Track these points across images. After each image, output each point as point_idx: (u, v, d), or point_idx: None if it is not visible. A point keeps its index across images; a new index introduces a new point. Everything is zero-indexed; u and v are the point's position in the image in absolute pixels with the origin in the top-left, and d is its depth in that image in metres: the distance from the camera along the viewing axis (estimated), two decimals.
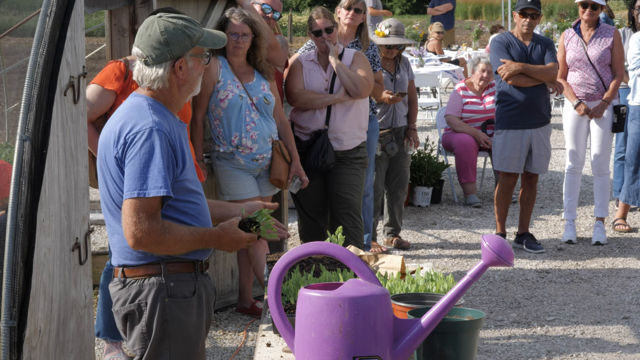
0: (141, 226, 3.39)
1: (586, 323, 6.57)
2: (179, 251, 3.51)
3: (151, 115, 3.47)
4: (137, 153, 3.40)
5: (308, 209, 7.02)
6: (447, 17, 19.84)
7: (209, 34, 3.57)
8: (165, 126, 3.46)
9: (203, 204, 3.61)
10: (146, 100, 3.55)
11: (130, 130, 3.44)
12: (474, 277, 2.97)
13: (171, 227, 3.45)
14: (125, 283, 3.58)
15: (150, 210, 3.40)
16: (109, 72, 5.56)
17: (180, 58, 3.51)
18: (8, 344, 4.11)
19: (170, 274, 3.54)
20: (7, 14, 6.34)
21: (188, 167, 3.53)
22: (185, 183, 3.52)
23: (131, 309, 3.57)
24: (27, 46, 4.75)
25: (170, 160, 3.44)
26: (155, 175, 3.38)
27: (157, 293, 3.53)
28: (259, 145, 6.16)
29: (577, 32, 8.47)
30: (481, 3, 39.88)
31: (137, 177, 3.39)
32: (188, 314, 3.57)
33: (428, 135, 12.16)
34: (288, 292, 3.72)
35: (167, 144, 3.43)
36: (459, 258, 8.20)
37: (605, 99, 8.35)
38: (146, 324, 3.55)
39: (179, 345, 3.57)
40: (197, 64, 3.54)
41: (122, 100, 5.57)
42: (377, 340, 2.90)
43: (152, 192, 3.38)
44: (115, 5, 5.93)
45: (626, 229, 8.93)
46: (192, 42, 3.51)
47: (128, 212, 3.40)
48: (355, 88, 6.79)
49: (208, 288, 3.68)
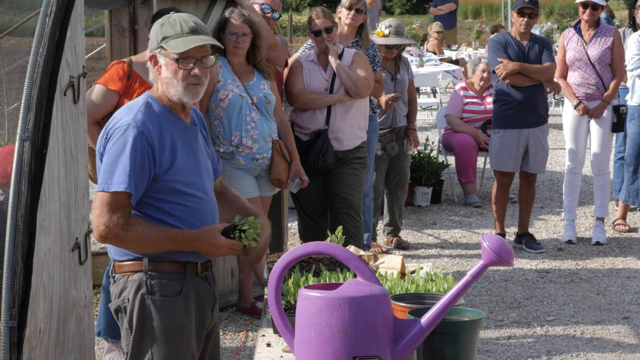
0: (103, 219, 3.44)
1: (586, 323, 6.57)
2: (145, 249, 3.51)
3: (136, 113, 3.49)
4: (111, 148, 3.46)
5: (308, 209, 7.02)
6: (449, 17, 19.84)
7: (182, 37, 3.51)
8: (148, 125, 3.47)
9: (198, 207, 3.57)
10: (146, 97, 3.57)
11: (112, 127, 3.50)
12: (474, 277, 2.97)
13: (136, 225, 3.45)
14: (115, 279, 3.62)
15: (114, 205, 3.43)
16: (112, 73, 5.60)
17: (152, 53, 3.55)
18: (8, 344, 4.11)
19: (153, 272, 3.54)
20: (7, 14, 6.34)
21: (180, 168, 3.51)
22: (172, 184, 3.50)
23: (117, 304, 3.60)
24: (27, 46, 4.75)
25: (147, 159, 3.44)
26: (121, 171, 3.42)
27: (137, 290, 3.54)
28: (259, 145, 6.15)
29: (577, 32, 8.47)
30: (481, 3, 39.87)
31: (106, 171, 3.46)
32: (171, 313, 3.55)
33: (428, 135, 12.16)
34: (288, 292, 3.72)
35: (142, 143, 3.44)
36: (459, 258, 8.20)
37: (605, 99, 8.35)
38: (128, 321, 3.58)
39: (160, 344, 3.54)
40: (168, 63, 3.52)
41: (124, 100, 5.59)
42: (377, 340, 2.90)
43: (114, 186, 3.43)
44: (115, 5, 5.93)
45: (626, 229, 8.93)
46: (159, 40, 3.53)
47: (95, 204, 3.47)
48: (355, 88, 6.79)
49: (202, 291, 3.64)
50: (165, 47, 3.50)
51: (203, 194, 3.61)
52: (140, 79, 5.62)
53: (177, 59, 3.49)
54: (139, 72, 5.62)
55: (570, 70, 8.49)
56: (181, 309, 3.57)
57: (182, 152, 3.54)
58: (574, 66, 8.45)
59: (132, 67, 5.63)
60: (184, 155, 3.54)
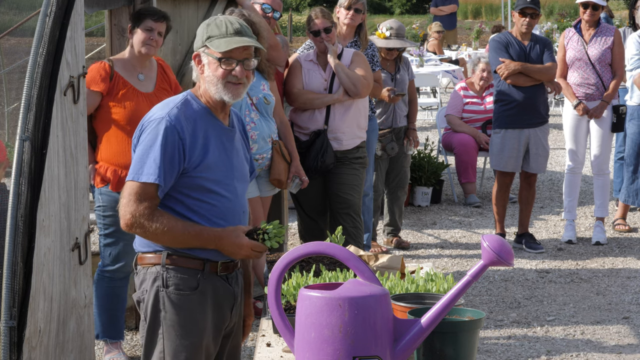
0: (129, 208, 3.50)
1: (586, 323, 6.56)
2: (168, 242, 3.56)
3: (172, 108, 3.56)
4: (144, 140, 3.53)
5: (308, 209, 7.01)
6: (449, 18, 19.85)
7: (226, 37, 3.59)
8: (181, 120, 3.53)
9: (223, 206, 3.62)
10: (185, 95, 3.65)
11: (147, 119, 3.58)
12: (474, 277, 2.97)
13: (162, 217, 3.51)
14: (137, 271, 3.68)
15: (142, 195, 3.49)
16: (94, 74, 5.55)
17: (196, 52, 3.62)
18: (8, 344, 4.12)
19: (170, 266, 3.58)
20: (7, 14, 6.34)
21: (209, 165, 3.56)
22: (200, 180, 3.56)
23: (138, 296, 3.67)
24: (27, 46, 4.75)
25: (177, 153, 3.50)
26: (151, 162, 3.49)
27: (154, 282, 3.59)
28: (259, 145, 6.15)
29: (577, 32, 8.47)
30: (481, 3, 39.87)
31: (137, 162, 3.53)
32: (185, 308, 3.58)
33: (428, 135, 12.16)
34: (288, 292, 3.72)
35: (173, 136, 3.50)
36: (459, 258, 8.20)
37: (605, 99, 8.35)
38: (144, 312, 3.64)
39: (172, 336, 3.58)
40: (211, 63, 3.58)
41: (108, 101, 5.59)
42: (377, 340, 2.90)
43: (143, 177, 3.49)
44: (115, 5, 5.93)
45: (626, 229, 8.93)
46: (204, 39, 3.60)
47: (123, 193, 3.54)
48: (354, 88, 6.79)
49: (220, 290, 3.67)
50: (209, 46, 3.58)
51: (231, 195, 3.64)
52: (123, 79, 5.60)
53: (219, 58, 3.57)
54: (120, 72, 5.61)
55: (570, 70, 8.49)
56: (196, 305, 3.60)
57: (214, 150, 3.59)
58: (574, 66, 8.45)
59: (114, 68, 5.61)
60: (216, 154, 3.59)
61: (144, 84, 5.69)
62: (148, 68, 5.72)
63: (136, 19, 5.63)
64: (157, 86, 5.73)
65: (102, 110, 5.58)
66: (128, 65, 5.65)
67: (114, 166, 5.58)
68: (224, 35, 3.57)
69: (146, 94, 5.65)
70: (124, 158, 5.52)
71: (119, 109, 5.56)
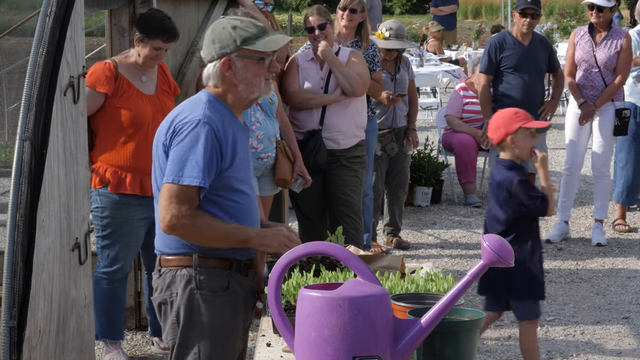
0: (172, 210, 3.48)
1: (586, 323, 6.56)
2: (209, 242, 3.57)
3: (204, 109, 3.55)
4: (182, 141, 3.51)
5: (305, 210, 6.99)
6: (449, 18, 19.85)
7: (264, 37, 3.58)
8: (216, 121, 3.53)
9: (248, 205, 3.66)
10: (207, 95, 3.63)
11: (180, 120, 3.55)
12: (474, 277, 2.97)
13: (203, 217, 3.52)
14: (161, 272, 3.67)
15: (184, 197, 3.48)
16: (99, 74, 5.51)
17: (226, 57, 3.57)
18: (8, 344, 4.12)
19: (202, 268, 3.60)
20: (7, 14, 6.35)
21: (237, 165, 3.58)
22: (229, 180, 3.58)
23: (163, 298, 3.65)
24: (27, 46, 4.76)
25: (215, 154, 3.51)
26: (193, 165, 3.48)
27: (187, 284, 3.60)
28: (264, 145, 6.14)
29: (589, 32, 8.39)
30: (481, 3, 39.87)
31: (176, 163, 3.50)
32: (218, 308, 3.61)
33: (428, 135, 12.15)
34: (288, 292, 3.72)
35: (213, 138, 3.51)
36: (459, 258, 8.20)
37: (595, 102, 8.30)
38: (176, 314, 3.63)
39: (208, 337, 3.61)
40: (249, 64, 3.57)
41: (112, 102, 5.57)
42: (377, 340, 2.90)
43: (186, 180, 3.48)
44: (115, 5, 5.93)
45: (626, 229, 8.93)
46: (237, 43, 3.56)
47: (163, 195, 3.52)
48: (350, 87, 6.77)
49: (246, 287, 3.70)
50: (249, 48, 3.55)
51: (252, 192, 3.70)
52: (127, 81, 5.58)
53: (260, 58, 3.57)
54: (124, 74, 5.59)
55: (576, 70, 8.44)
56: (228, 305, 3.64)
57: (240, 150, 3.62)
58: (580, 67, 8.38)
59: (118, 69, 5.59)
60: (240, 152, 3.62)
61: (147, 86, 5.68)
62: (150, 70, 5.72)
63: (146, 33, 5.52)
64: (158, 88, 5.73)
65: (105, 111, 5.55)
66: (131, 67, 5.64)
67: (114, 167, 5.55)
68: (261, 36, 3.57)
69: (149, 96, 5.64)
70: (126, 160, 5.51)
71: (122, 110, 5.53)
